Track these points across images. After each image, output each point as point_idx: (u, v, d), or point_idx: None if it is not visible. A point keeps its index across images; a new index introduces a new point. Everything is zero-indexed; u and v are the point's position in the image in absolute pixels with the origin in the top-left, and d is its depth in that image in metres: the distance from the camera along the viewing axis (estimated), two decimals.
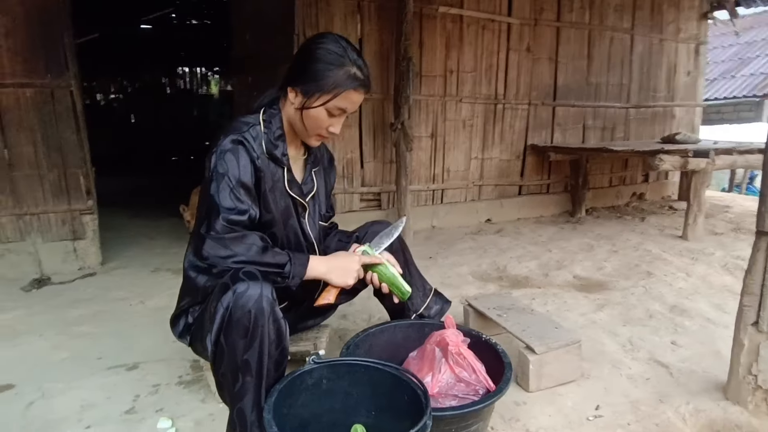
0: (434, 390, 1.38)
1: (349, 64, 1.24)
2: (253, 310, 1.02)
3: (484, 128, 4.04)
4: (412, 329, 1.58)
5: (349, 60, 1.24)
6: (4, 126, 2.67)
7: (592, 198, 4.49)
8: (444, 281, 2.68)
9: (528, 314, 1.77)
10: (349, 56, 1.25)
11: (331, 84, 1.22)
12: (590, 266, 2.91)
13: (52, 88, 2.71)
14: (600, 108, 4.50)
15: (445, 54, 3.74)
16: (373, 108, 3.60)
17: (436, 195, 3.97)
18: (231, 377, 1.04)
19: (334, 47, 1.24)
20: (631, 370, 1.70)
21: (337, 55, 1.23)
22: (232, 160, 1.21)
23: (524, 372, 1.54)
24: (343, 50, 1.24)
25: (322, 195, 1.51)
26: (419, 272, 1.66)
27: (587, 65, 4.34)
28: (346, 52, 1.25)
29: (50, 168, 2.78)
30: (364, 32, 3.47)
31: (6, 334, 2.07)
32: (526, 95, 4.13)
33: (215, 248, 1.13)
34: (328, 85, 1.22)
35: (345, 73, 1.23)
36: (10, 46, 2.60)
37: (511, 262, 3.01)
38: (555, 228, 3.89)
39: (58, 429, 1.38)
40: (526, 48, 4.04)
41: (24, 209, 2.77)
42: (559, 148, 4.06)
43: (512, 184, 4.26)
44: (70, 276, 2.81)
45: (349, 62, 1.24)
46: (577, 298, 2.40)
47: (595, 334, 1.99)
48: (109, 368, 1.73)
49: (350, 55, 1.25)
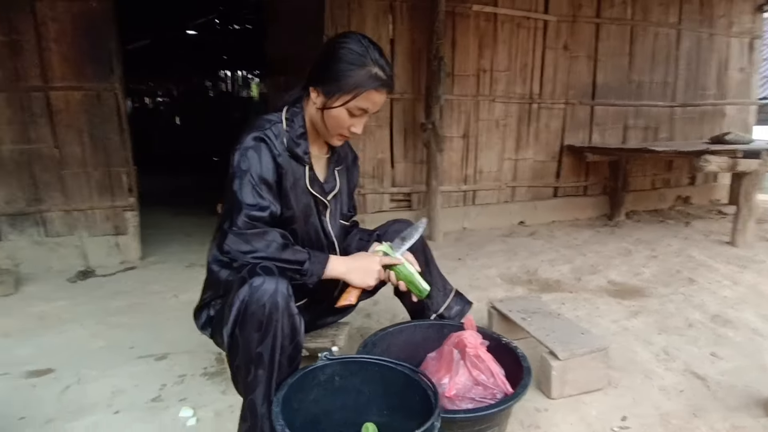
0: (451, 392, 1.36)
1: (371, 63, 1.23)
2: (267, 305, 1.04)
3: (518, 128, 3.95)
4: (432, 330, 1.56)
5: (371, 60, 1.24)
6: (56, 126, 2.84)
7: (633, 201, 4.30)
8: (471, 283, 2.64)
9: (553, 318, 1.71)
10: (371, 56, 1.24)
11: (352, 84, 1.22)
12: (626, 271, 2.78)
13: (99, 90, 2.87)
14: (642, 107, 4.31)
15: (478, 53, 3.69)
16: (404, 108, 3.60)
17: (467, 196, 3.91)
18: (244, 369, 1.07)
19: (356, 47, 1.24)
20: (664, 380, 1.62)
21: (359, 54, 1.23)
22: (254, 157, 1.23)
23: (546, 378, 1.49)
24: (364, 50, 1.24)
25: (345, 194, 1.51)
26: (440, 272, 1.64)
27: (629, 63, 4.17)
28: (368, 52, 1.24)
29: (96, 166, 2.94)
30: (396, 32, 3.48)
31: (52, 322, 2.20)
32: (563, 94, 4.01)
33: (237, 243, 1.16)
34: (348, 85, 1.22)
35: (366, 73, 1.23)
36: (61, 51, 2.77)
37: (543, 265, 2.93)
38: (591, 231, 3.75)
39: (89, 412, 1.46)
40: (564, 46, 3.92)
41: (72, 205, 2.94)
42: (596, 149, 3.92)
43: (547, 185, 4.14)
44: (112, 269, 2.96)
45: (370, 62, 1.23)
46: (610, 304, 2.30)
47: (626, 341, 1.90)
48: (140, 357, 1.81)
49: (372, 55, 1.24)
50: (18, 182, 2.83)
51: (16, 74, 2.72)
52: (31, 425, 1.40)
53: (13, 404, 1.51)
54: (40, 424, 1.40)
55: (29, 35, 2.71)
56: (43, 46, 2.74)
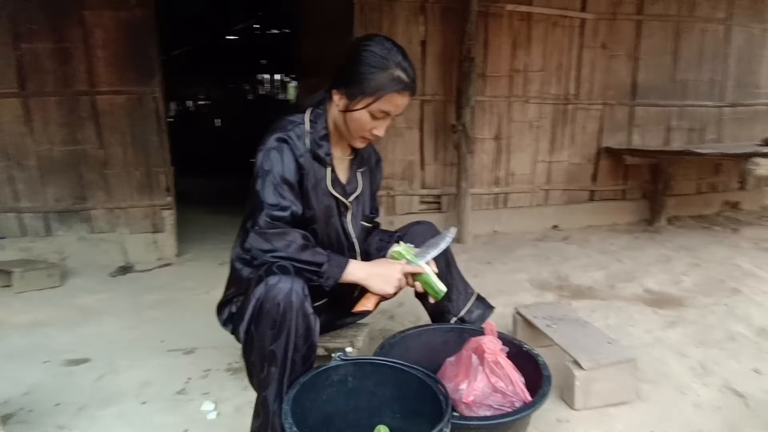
0: (469, 398, 1.34)
1: (393, 66, 1.23)
2: (282, 303, 1.05)
3: (553, 130, 3.84)
4: (452, 334, 1.54)
5: (393, 63, 1.24)
6: (101, 129, 3.00)
7: (675, 205, 4.10)
8: (499, 287, 2.59)
9: (580, 327, 1.66)
10: (394, 59, 1.24)
11: (374, 87, 1.23)
12: (665, 279, 2.65)
13: (140, 94, 3.01)
14: (687, 107, 4.10)
15: (512, 53, 3.62)
16: (434, 110, 3.58)
17: (499, 199, 3.85)
18: (258, 366, 1.09)
19: (378, 50, 1.24)
20: (699, 396, 1.53)
21: (381, 57, 1.23)
22: (276, 158, 1.25)
23: (570, 388, 1.44)
24: (387, 52, 1.24)
25: (367, 195, 1.52)
26: (461, 275, 1.62)
27: (673, 61, 3.97)
28: (390, 55, 1.24)
29: (136, 167, 3.09)
30: (427, 34, 3.46)
31: (93, 313, 2.32)
32: (601, 95, 3.87)
33: (258, 242, 1.18)
34: (370, 88, 1.23)
35: (388, 76, 1.23)
36: (106, 57, 2.92)
37: (575, 271, 2.84)
38: (629, 237, 3.60)
39: (118, 401, 1.53)
40: (602, 44, 3.78)
41: (114, 203, 3.10)
42: (636, 151, 3.76)
43: (583, 189, 4.01)
44: (149, 265, 3.09)
45: (393, 65, 1.23)
46: (645, 314, 2.20)
47: (660, 353, 1.81)
48: (169, 351, 1.88)
49: (394, 58, 1.24)
50: (66, 181, 3.01)
51: (65, 79, 2.89)
52: (66, 411, 1.48)
53: (51, 390, 1.60)
54: (73, 411, 1.48)
55: (78, 43, 2.88)
56: (90, 53, 2.90)
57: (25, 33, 2.81)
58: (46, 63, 2.85)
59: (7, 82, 2.84)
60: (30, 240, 3.00)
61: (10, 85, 2.84)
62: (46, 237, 3.03)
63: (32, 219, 3.01)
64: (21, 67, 2.83)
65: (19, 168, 2.93)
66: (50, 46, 2.84)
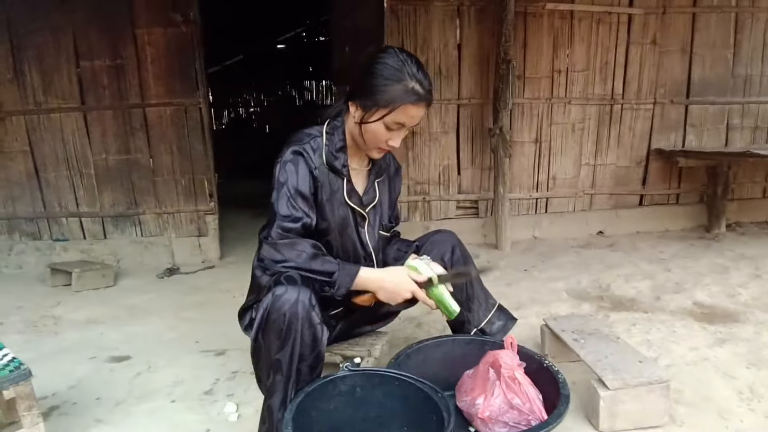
0: (485, 414, 1.31)
1: (408, 78, 1.23)
2: (287, 314, 1.08)
3: (598, 131, 3.67)
4: (472, 346, 1.51)
5: (408, 74, 1.24)
6: (150, 139, 3.20)
7: (737, 211, 3.79)
8: (533, 296, 2.51)
9: (610, 342, 1.57)
10: (408, 70, 1.24)
11: (388, 99, 1.23)
12: (718, 292, 2.46)
13: (186, 105, 3.18)
14: (751, 104, 3.78)
15: (552, 53, 3.49)
16: (471, 113, 3.52)
17: (539, 204, 3.72)
18: (265, 373, 1.12)
19: (393, 62, 1.25)
20: (743, 423, 1.40)
21: (395, 69, 1.24)
22: (291, 170, 1.29)
23: (594, 408, 1.37)
24: (401, 64, 1.24)
25: (385, 205, 1.52)
26: (483, 285, 1.59)
27: (733, 55, 3.68)
28: (405, 66, 1.24)
29: (182, 174, 3.26)
30: (463, 37, 3.42)
31: (138, 313, 2.48)
32: (651, 93, 3.65)
33: (270, 253, 1.22)
34: (384, 100, 1.23)
35: (402, 88, 1.23)
36: (155, 72, 3.11)
37: (617, 280, 2.69)
38: (682, 245, 3.37)
39: (150, 398, 1.62)
40: (652, 40, 3.57)
41: (162, 209, 3.29)
42: (690, 153, 3.51)
43: (631, 193, 3.80)
44: (194, 267, 3.25)
45: (407, 77, 1.23)
46: (692, 329, 2.05)
47: (704, 373, 1.68)
48: (202, 351, 1.97)
49: (409, 70, 1.24)
50: (120, 188, 3.23)
51: (119, 94, 3.12)
52: (105, 406, 1.59)
53: (94, 385, 1.73)
54: (111, 407, 1.59)
55: (131, 59, 3.09)
56: (142, 68, 3.10)
57: (85, 52, 3.05)
58: (103, 79, 3.09)
59: (70, 97, 3.10)
60: (89, 243, 3.25)
61: (73, 100, 3.10)
62: (103, 240, 3.27)
63: (91, 223, 3.25)
64: (81, 84, 3.08)
65: (79, 176, 3.19)
66: (106, 63, 3.07)
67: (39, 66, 3.04)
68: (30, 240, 3.23)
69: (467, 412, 1.37)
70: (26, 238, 3.23)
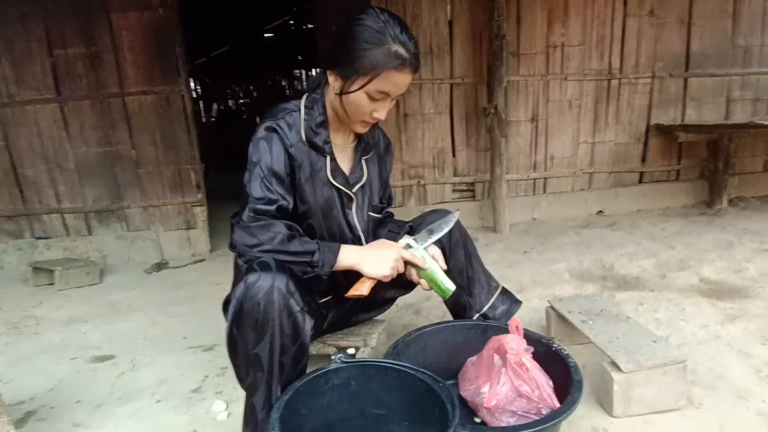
0: (491, 403, 1.22)
1: (390, 41, 1.11)
2: (262, 302, 0.98)
3: (595, 108, 3.57)
4: (474, 331, 1.42)
5: (390, 36, 1.11)
6: (132, 129, 3.06)
7: (739, 185, 3.71)
8: (535, 279, 2.42)
9: (620, 322, 1.48)
10: (391, 32, 1.11)
11: (369, 65, 1.11)
12: (725, 267, 2.38)
13: (167, 93, 3.04)
14: (751, 76, 3.68)
15: (547, 28, 3.38)
16: (465, 93, 3.41)
17: (537, 184, 3.63)
18: (244, 370, 1.02)
19: (372, 23, 1.12)
20: (766, 403, 1.32)
21: (375, 32, 1.11)
22: (264, 149, 1.18)
23: (607, 393, 1.28)
24: (382, 26, 1.11)
25: (375, 184, 1.41)
26: (484, 267, 1.49)
27: (732, 25, 3.57)
28: (387, 28, 1.11)
29: (167, 165, 3.13)
30: (455, 13, 3.29)
31: (123, 310, 2.37)
32: (649, 67, 3.55)
33: (242, 237, 1.11)
34: (365, 66, 1.11)
35: (384, 52, 1.11)
36: (133, 59, 2.97)
37: (621, 259, 2.61)
38: (684, 221, 3.29)
39: (134, 398, 1.52)
40: (649, 12, 3.46)
41: (148, 202, 3.17)
42: (690, 127, 3.42)
43: (631, 170, 3.71)
44: (184, 261, 3.14)
45: (389, 39, 1.11)
46: (700, 306, 1.97)
47: (717, 352, 1.60)
48: (189, 347, 1.87)
49: (392, 31, 1.11)
50: (103, 182, 3.10)
51: (97, 83, 2.97)
52: (85, 408, 1.49)
53: (74, 387, 1.62)
54: (91, 408, 1.48)
55: (107, 46, 2.94)
56: (119, 56, 2.96)
57: (57, 40, 2.90)
58: (78, 68, 2.94)
59: (45, 89, 2.95)
60: (72, 240, 3.13)
61: (47, 91, 2.96)
62: (87, 236, 3.15)
63: (74, 219, 3.13)
64: (56, 74, 2.93)
65: (59, 171, 3.05)
66: (81, 51, 2.92)
67: (10, 56, 2.89)
68: (10, 239, 3.10)
69: (472, 401, 1.28)
70: (6, 237, 3.10)
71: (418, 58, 1.17)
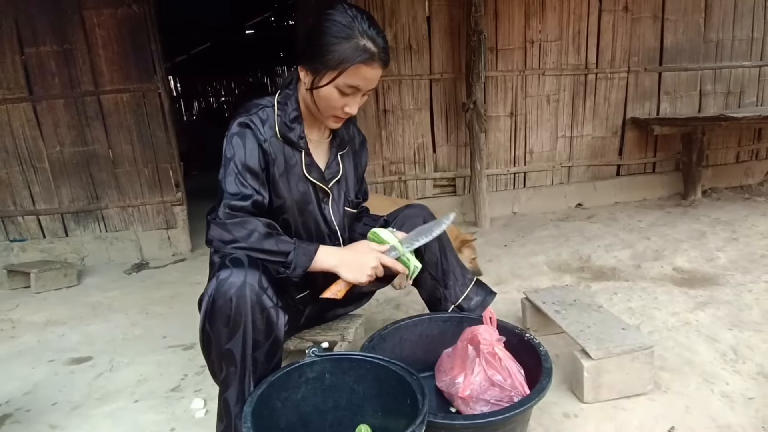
0: (465, 392, 1.24)
1: (359, 35, 1.12)
2: (234, 298, 0.98)
3: (573, 103, 3.62)
4: (449, 323, 1.44)
5: (359, 31, 1.12)
6: (108, 128, 3.02)
7: (712, 177, 3.82)
8: (514, 271, 2.46)
9: (592, 312, 1.52)
10: (359, 27, 1.12)
11: (337, 59, 1.12)
12: (697, 257, 2.45)
13: (143, 91, 3.00)
14: (723, 69, 3.78)
15: (525, 24, 3.41)
16: (444, 89, 3.43)
17: (517, 178, 3.67)
18: (218, 366, 1.03)
19: (341, 18, 1.13)
20: (729, 386, 1.37)
21: (343, 26, 1.12)
22: (238, 144, 1.18)
23: (578, 380, 1.32)
24: (351, 20, 1.12)
25: (351, 180, 1.42)
26: (458, 260, 1.51)
27: (704, 19, 3.66)
28: (355, 22, 1.13)
29: (145, 164, 3.09)
30: (433, 9, 3.30)
31: (102, 311, 2.34)
32: (624, 62, 3.61)
33: (218, 233, 1.11)
34: (333, 60, 1.12)
35: (353, 46, 1.12)
36: (108, 56, 2.92)
37: (598, 251, 2.66)
38: (659, 213, 3.37)
39: (111, 399, 1.51)
40: (623, 7, 3.52)
41: (126, 201, 3.12)
42: (665, 120, 3.50)
43: (608, 164, 3.78)
44: (164, 261, 3.11)
45: (357, 33, 1.12)
46: (672, 294, 2.02)
47: (686, 338, 1.65)
48: (169, 347, 1.86)
49: (360, 26, 1.13)
50: (79, 182, 3.05)
51: (70, 81, 2.92)
52: (61, 410, 1.48)
53: (51, 389, 1.61)
54: (68, 410, 1.47)
55: (80, 44, 2.88)
56: (93, 53, 2.91)
57: (29, 37, 2.83)
58: (51, 66, 2.88)
59: (16, 87, 2.88)
60: (49, 241, 3.07)
61: (19, 90, 2.89)
62: (64, 238, 3.10)
63: (50, 221, 3.07)
64: (27, 72, 2.87)
65: (33, 171, 2.99)
66: (54, 48, 2.86)
67: None
68: None
69: (447, 392, 1.31)
70: None
71: (387, 53, 1.18)
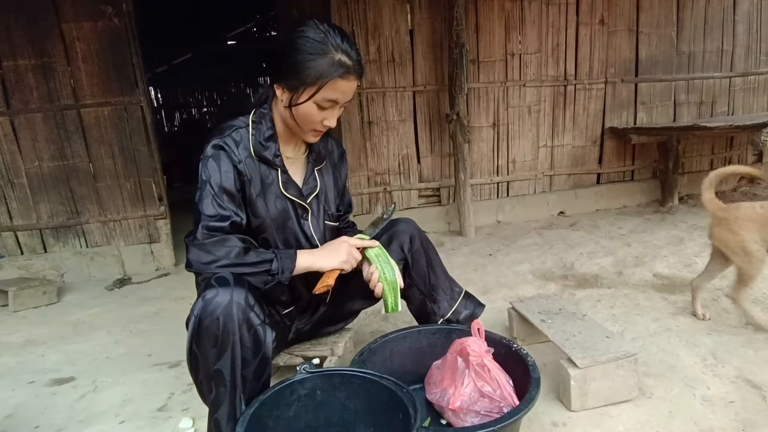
0: (455, 404, 1.25)
1: (333, 50, 1.14)
2: (221, 317, 0.98)
3: (553, 113, 3.71)
4: (438, 335, 1.45)
5: (333, 46, 1.14)
6: (88, 142, 2.97)
7: (688, 184, 3.93)
8: (499, 280, 2.49)
9: (577, 320, 1.55)
10: (332, 42, 1.15)
11: (315, 75, 1.14)
12: (676, 263, 2.51)
13: (125, 104, 2.97)
14: (695, 80, 3.91)
15: (505, 36, 3.49)
16: (427, 100, 3.47)
17: (501, 188, 3.73)
18: (206, 386, 1.02)
19: (314, 34, 1.15)
20: (710, 390, 1.41)
21: (317, 42, 1.14)
22: (213, 167, 1.18)
23: (566, 388, 1.34)
24: (324, 36, 1.14)
25: (331, 194, 1.43)
26: (446, 274, 1.53)
27: (676, 32, 3.79)
28: (328, 38, 1.15)
29: (127, 177, 3.05)
30: (415, 22, 3.36)
31: (84, 329, 2.29)
32: (602, 73, 3.72)
33: (198, 255, 1.11)
34: (311, 77, 1.14)
35: (328, 62, 1.14)
36: (88, 69, 2.89)
37: (581, 258, 2.71)
38: (639, 219, 3.45)
39: (96, 422, 1.48)
40: (600, 20, 3.63)
41: (108, 216, 3.07)
42: (642, 129, 3.60)
43: (589, 172, 3.87)
44: (147, 276, 3.06)
45: (332, 49, 1.14)
46: (653, 300, 2.07)
47: (667, 343, 1.69)
48: (154, 365, 1.83)
49: (333, 41, 1.15)
50: (58, 197, 2.99)
51: (49, 95, 2.87)
52: None
53: (32, 412, 1.56)
54: None
55: (60, 57, 2.85)
56: (73, 66, 2.87)
57: (6, 51, 2.79)
58: (29, 79, 2.84)
59: None
60: (27, 258, 3.00)
61: None
62: (43, 254, 3.03)
63: (28, 237, 3.00)
64: (5, 86, 2.82)
65: (10, 187, 2.93)
66: (32, 62, 2.82)
67: None
68: None
69: (438, 404, 1.32)
70: None
71: (361, 65, 1.21)
